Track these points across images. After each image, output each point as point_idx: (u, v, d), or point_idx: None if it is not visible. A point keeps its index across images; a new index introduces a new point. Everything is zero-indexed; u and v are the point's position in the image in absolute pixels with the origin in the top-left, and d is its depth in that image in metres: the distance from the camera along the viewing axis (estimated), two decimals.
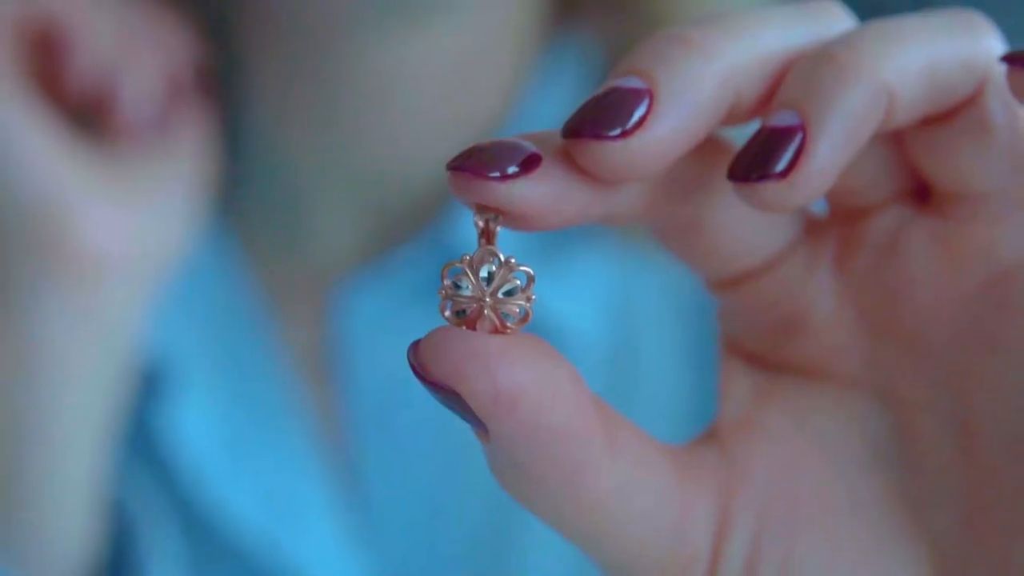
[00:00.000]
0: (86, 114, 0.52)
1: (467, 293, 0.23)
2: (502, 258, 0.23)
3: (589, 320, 0.56)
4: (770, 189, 0.23)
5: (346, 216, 0.57)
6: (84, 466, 0.51)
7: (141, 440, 0.55)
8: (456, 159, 0.23)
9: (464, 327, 0.23)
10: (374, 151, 0.55)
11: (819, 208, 0.29)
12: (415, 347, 0.23)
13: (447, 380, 0.22)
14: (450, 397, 0.23)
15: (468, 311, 0.23)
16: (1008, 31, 0.27)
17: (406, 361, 0.23)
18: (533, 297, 0.24)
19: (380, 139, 0.55)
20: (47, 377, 0.49)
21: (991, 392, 0.26)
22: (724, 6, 0.53)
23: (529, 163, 0.23)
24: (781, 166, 0.23)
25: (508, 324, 0.23)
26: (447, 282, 0.23)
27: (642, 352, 0.57)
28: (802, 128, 0.23)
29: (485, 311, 0.23)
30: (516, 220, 0.24)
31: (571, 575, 0.55)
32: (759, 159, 0.23)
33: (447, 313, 0.23)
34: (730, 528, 0.26)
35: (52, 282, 0.48)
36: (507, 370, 0.22)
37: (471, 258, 0.23)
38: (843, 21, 0.26)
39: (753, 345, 0.29)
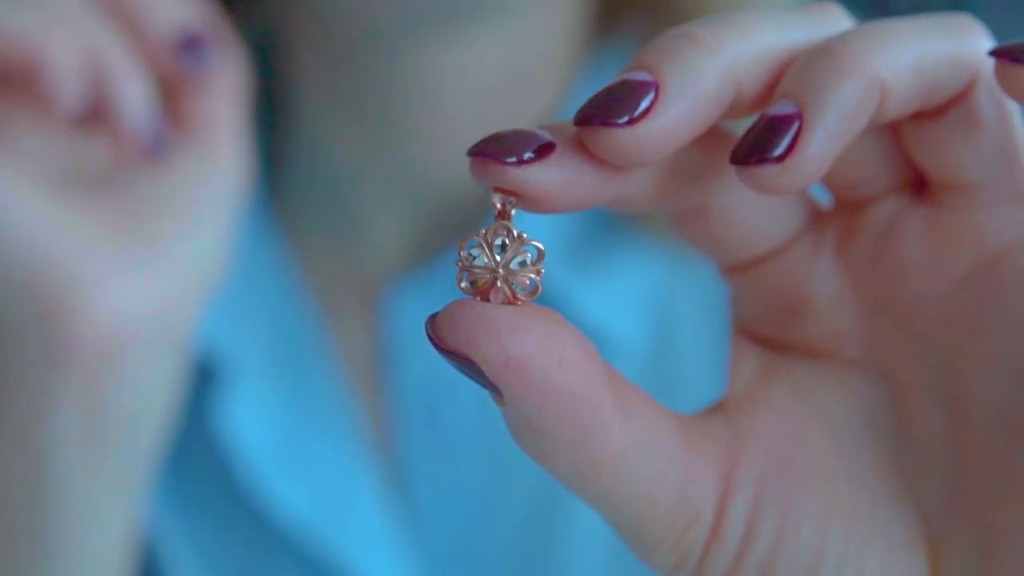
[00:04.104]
0: (90, 147, 0.41)
1: (482, 264, 0.25)
2: (515, 233, 0.25)
3: (630, 325, 0.57)
4: (767, 172, 0.25)
5: (395, 220, 0.58)
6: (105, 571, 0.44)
7: (195, 432, 0.56)
8: (477, 145, 0.25)
9: (478, 297, 0.25)
10: (422, 157, 0.57)
11: (826, 200, 0.30)
12: (432, 319, 0.25)
13: (462, 348, 0.24)
14: (465, 364, 0.24)
15: (482, 281, 0.25)
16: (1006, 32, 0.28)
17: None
18: (542, 271, 0.25)
19: (428, 145, 0.56)
20: (59, 481, 0.41)
21: (979, 371, 0.27)
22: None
23: (544, 150, 0.25)
24: (778, 151, 0.25)
25: (519, 295, 0.25)
26: (463, 253, 0.25)
27: (682, 355, 0.58)
28: (799, 117, 0.25)
29: (498, 282, 0.25)
30: (531, 202, 0.25)
31: (612, 569, 0.56)
32: (758, 144, 0.25)
33: (463, 284, 0.25)
34: (733, 491, 0.28)
35: (62, 372, 0.39)
36: (515, 338, 0.24)
37: (486, 231, 0.25)
38: (842, 23, 0.27)
39: (761, 327, 0.30)
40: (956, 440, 0.28)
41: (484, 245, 0.25)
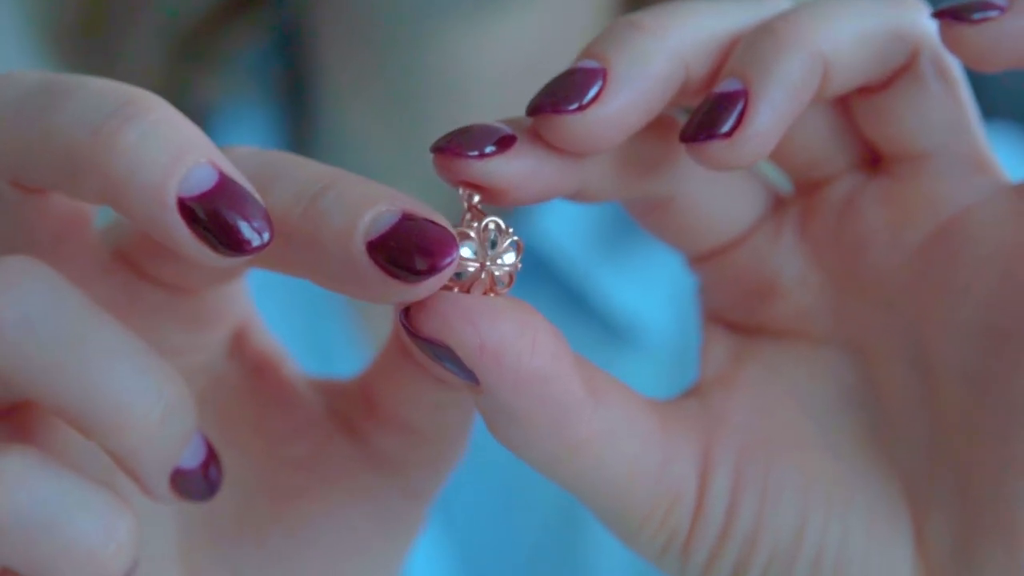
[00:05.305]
0: None
1: (468, 256, 0.25)
2: (503, 226, 0.26)
3: (658, 313, 0.58)
4: (716, 148, 0.26)
5: None
6: None
7: None
8: (439, 141, 0.26)
9: (456, 288, 0.25)
10: None
11: (785, 187, 0.31)
12: (406, 310, 0.25)
13: (438, 335, 0.25)
14: (440, 351, 0.25)
15: (468, 274, 0.25)
16: None
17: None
18: (519, 265, 0.26)
19: (446, 131, 0.57)
20: None
21: (944, 333, 0.28)
22: None
23: (504, 142, 0.26)
24: (726, 127, 0.25)
25: (497, 288, 0.26)
26: None
27: None
28: (744, 93, 0.26)
29: (483, 275, 0.26)
30: (494, 195, 0.26)
31: (637, 568, 0.57)
32: (706, 121, 0.26)
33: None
34: (712, 467, 0.28)
35: None
36: (490, 323, 0.24)
37: (469, 224, 0.26)
38: (781, 4, 0.28)
39: (731, 313, 0.31)
40: (929, 403, 0.28)
41: (476, 239, 0.26)
